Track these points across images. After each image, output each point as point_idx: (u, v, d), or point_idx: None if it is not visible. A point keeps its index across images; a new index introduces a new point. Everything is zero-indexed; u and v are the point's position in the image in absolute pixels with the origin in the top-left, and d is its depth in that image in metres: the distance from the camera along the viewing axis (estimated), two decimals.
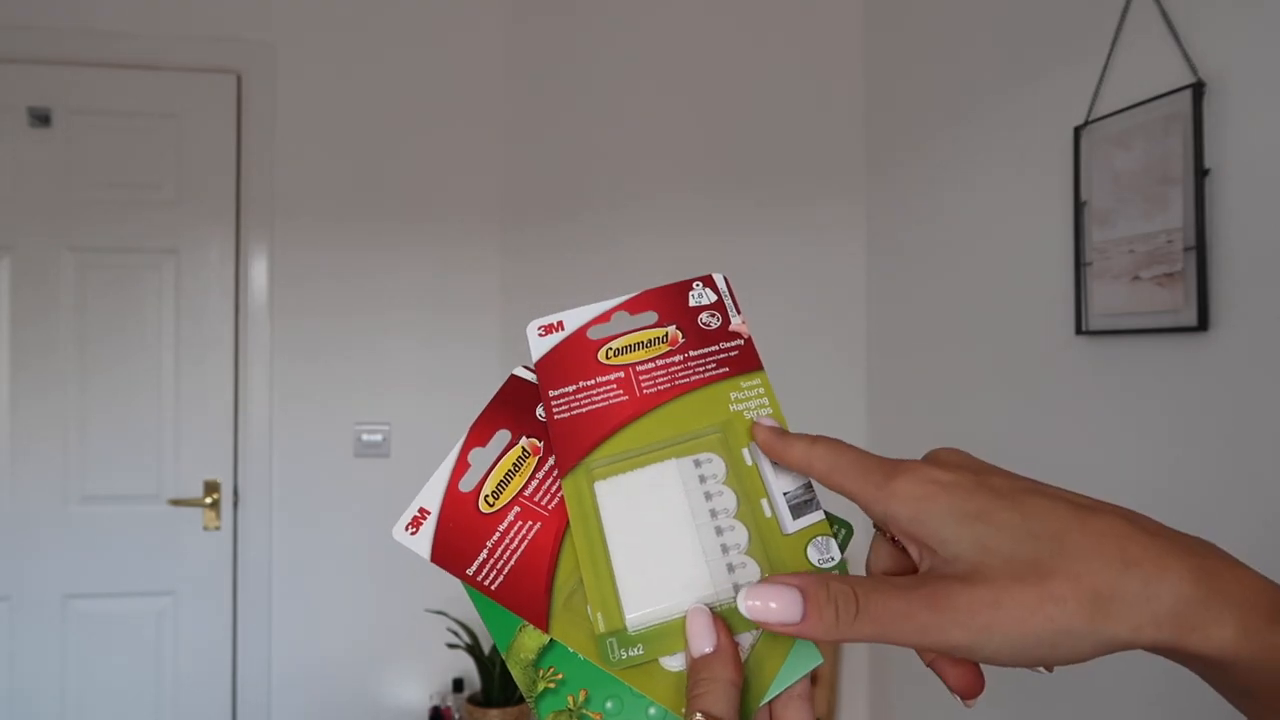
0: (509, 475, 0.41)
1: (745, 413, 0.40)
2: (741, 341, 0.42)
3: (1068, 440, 1.54)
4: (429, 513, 0.41)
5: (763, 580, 0.33)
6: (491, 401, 0.42)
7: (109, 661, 2.25)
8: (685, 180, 2.34)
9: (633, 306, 0.42)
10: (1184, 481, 1.30)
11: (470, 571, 0.39)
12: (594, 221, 2.35)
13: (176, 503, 2.28)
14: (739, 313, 0.43)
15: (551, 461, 0.41)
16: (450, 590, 2.36)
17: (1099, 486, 1.45)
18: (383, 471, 2.36)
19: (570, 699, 0.36)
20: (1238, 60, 1.22)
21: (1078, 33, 1.52)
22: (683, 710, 0.35)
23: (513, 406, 0.42)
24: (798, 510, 0.38)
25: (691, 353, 0.41)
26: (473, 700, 2.19)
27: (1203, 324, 1.24)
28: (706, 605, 0.36)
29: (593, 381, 0.41)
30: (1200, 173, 1.25)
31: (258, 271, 2.32)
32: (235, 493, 2.31)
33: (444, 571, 0.40)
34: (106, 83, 2.27)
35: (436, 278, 2.38)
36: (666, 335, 0.42)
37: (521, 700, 2.19)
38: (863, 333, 2.30)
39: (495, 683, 2.17)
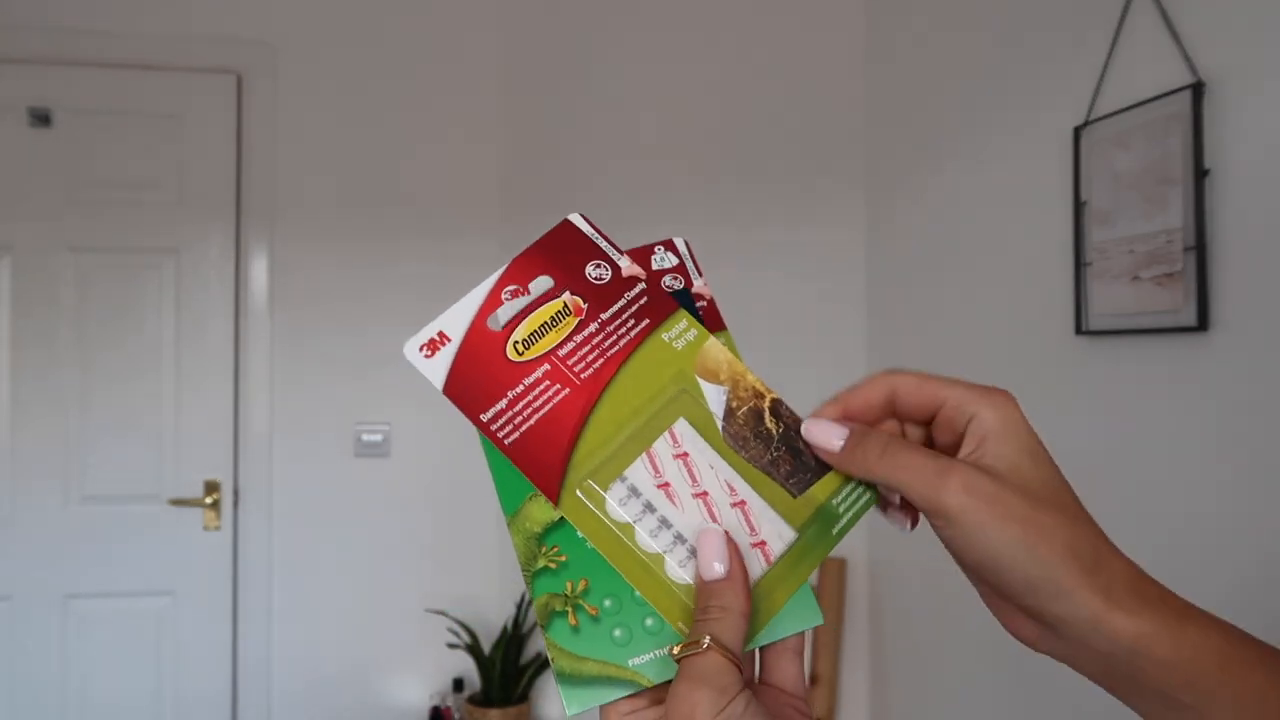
0: (544, 328, 0.38)
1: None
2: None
3: (1067, 440, 1.54)
4: (449, 339, 0.37)
5: (822, 417, 0.38)
6: (537, 243, 0.39)
7: (109, 661, 2.25)
8: (685, 180, 2.34)
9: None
10: (1184, 481, 1.30)
11: (485, 418, 0.37)
12: (594, 220, 2.34)
13: (176, 503, 2.28)
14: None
15: (594, 327, 0.38)
16: (450, 590, 2.36)
17: (1099, 487, 1.45)
18: (383, 471, 2.36)
19: (569, 585, 0.35)
20: (1238, 60, 1.22)
21: (1078, 33, 1.52)
22: (679, 626, 0.35)
23: (560, 256, 0.39)
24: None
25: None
26: (473, 700, 2.19)
27: (1202, 324, 1.24)
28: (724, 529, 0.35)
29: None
30: (1200, 173, 1.25)
31: (258, 271, 2.32)
32: (235, 493, 2.31)
33: (453, 405, 0.37)
34: (106, 83, 2.27)
35: (436, 277, 2.38)
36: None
37: (522, 700, 2.19)
38: (863, 332, 2.30)
39: (495, 683, 2.17)
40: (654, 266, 0.41)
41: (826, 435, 0.37)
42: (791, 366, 2.35)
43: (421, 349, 0.37)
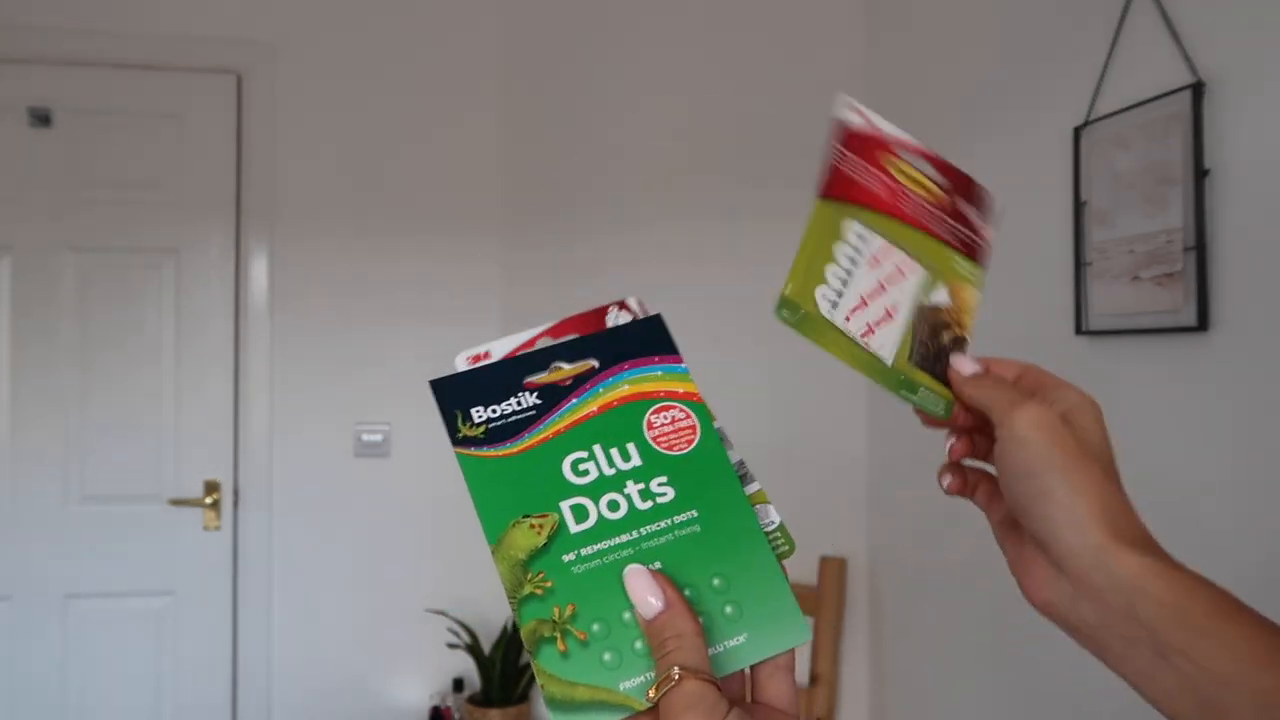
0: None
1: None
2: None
3: None
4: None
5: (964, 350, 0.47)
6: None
7: (109, 661, 2.25)
8: (685, 179, 2.34)
9: (555, 332, 0.43)
10: (1184, 481, 1.30)
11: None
12: (594, 220, 2.35)
13: (176, 503, 2.28)
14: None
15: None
16: (450, 590, 2.37)
17: None
18: (383, 471, 2.36)
19: (556, 610, 0.35)
20: (1238, 60, 1.22)
21: (1078, 33, 1.52)
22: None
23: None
24: (744, 480, 0.41)
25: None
26: (473, 700, 2.19)
27: (1202, 324, 1.24)
28: (642, 566, 0.36)
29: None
30: (1200, 173, 1.24)
31: (258, 271, 2.32)
32: (235, 493, 2.31)
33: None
34: (106, 83, 2.27)
35: (437, 276, 2.38)
36: (595, 371, 0.42)
37: (522, 700, 2.19)
38: None
39: (495, 683, 2.17)
40: (609, 324, 0.45)
41: (967, 361, 0.46)
42: (790, 367, 2.35)
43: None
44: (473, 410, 0.40)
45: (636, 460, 0.39)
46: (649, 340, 0.42)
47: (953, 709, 1.91)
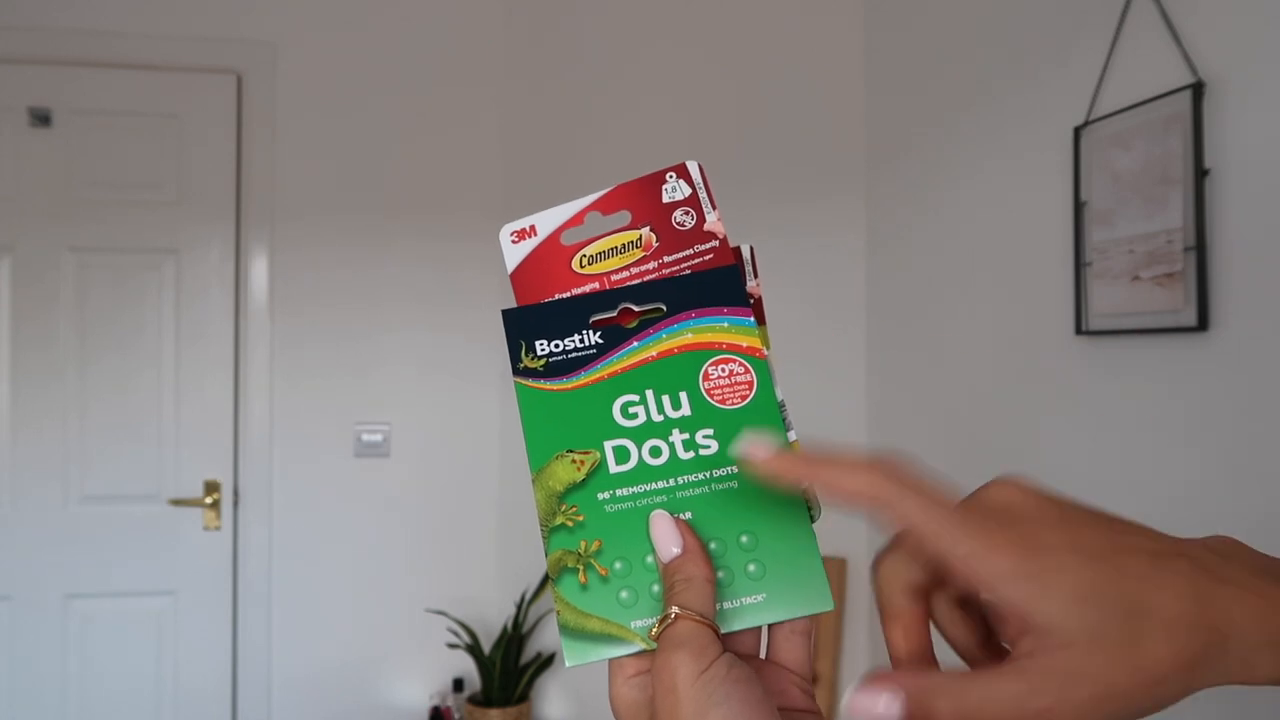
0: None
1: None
2: (716, 242, 0.42)
3: (1067, 441, 1.54)
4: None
5: (867, 681, 0.31)
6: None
7: (109, 661, 2.25)
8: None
9: (605, 205, 0.42)
10: (1184, 482, 1.30)
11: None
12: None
13: (176, 503, 2.28)
14: (714, 208, 0.42)
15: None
16: (450, 590, 2.37)
17: (1099, 487, 1.45)
18: (383, 471, 2.36)
19: (583, 544, 0.36)
20: (1238, 60, 1.22)
21: (1078, 33, 1.52)
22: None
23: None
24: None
25: (666, 258, 0.41)
26: (473, 700, 2.19)
27: (1203, 324, 1.24)
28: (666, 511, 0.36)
29: (568, 294, 0.41)
30: (1200, 173, 1.24)
31: (258, 271, 2.32)
32: (235, 493, 2.31)
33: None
34: (106, 83, 2.27)
35: (437, 277, 2.38)
36: (640, 239, 0.42)
37: (522, 700, 2.19)
38: (862, 332, 2.30)
39: (495, 683, 2.17)
40: (664, 199, 0.42)
41: (883, 710, 0.31)
42: (789, 367, 2.35)
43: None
44: (537, 342, 0.39)
45: (686, 410, 0.38)
46: (720, 290, 0.41)
47: None
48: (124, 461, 2.27)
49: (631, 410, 0.38)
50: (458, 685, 2.30)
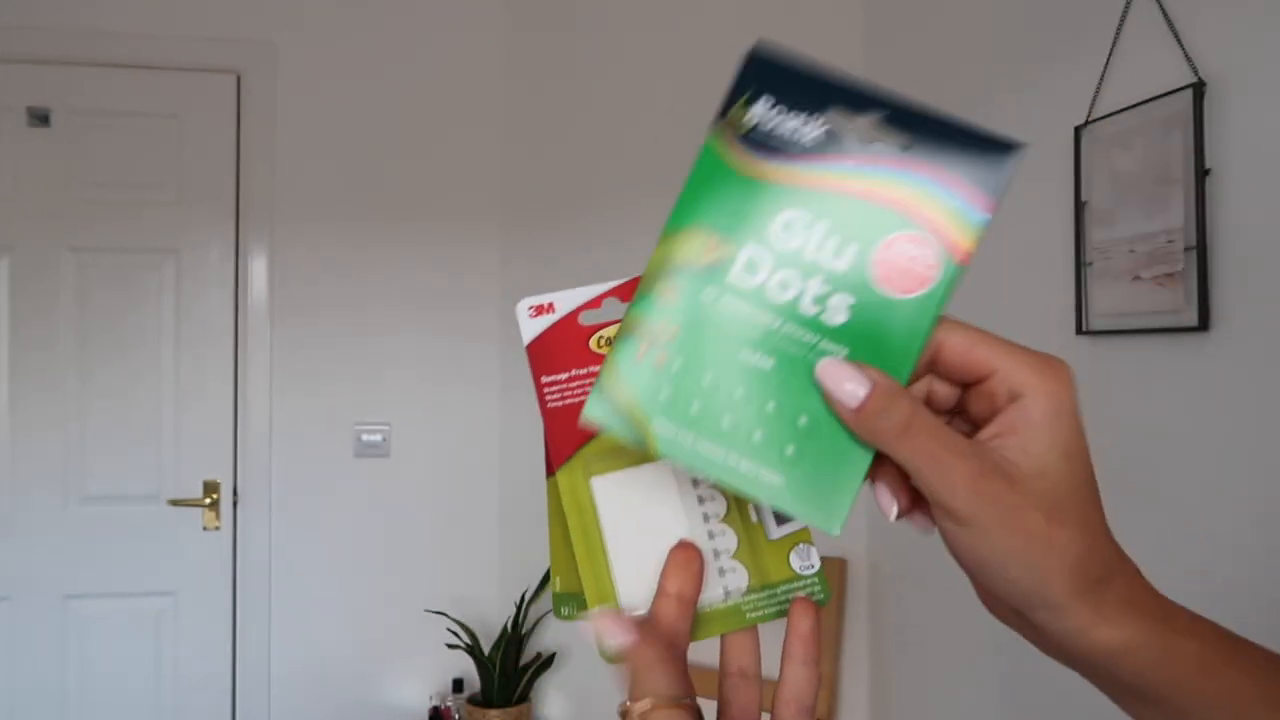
0: None
1: None
2: None
3: None
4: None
5: (848, 360, 0.32)
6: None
7: (109, 661, 2.25)
8: (685, 179, 2.33)
9: (624, 293, 0.40)
10: (1184, 482, 1.30)
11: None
12: (595, 220, 2.35)
13: (176, 503, 2.28)
14: None
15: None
16: (450, 590, 2.36)
17: (1098, 487, 1.45)
18: (383, 471, 2.36)
19: (661, 324, 0.34)
20: (1238, 60, 1.22)
21: (1078, 33, 1.52)
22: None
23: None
24: (780, 517, 0.38)
25: None
26: (473, 700, 2.19)
27: (1203, 324, 1.24)
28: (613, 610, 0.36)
29: (585, 370, 0.40)
30: (1201, 173, 1.24)
31: (258, 271, 2.32)
32: (235, 493, 2.31)
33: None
34: (106, 83, 2.27)
35: (436, 277, 2.38)
36: None
37: (522, 700, 2.19)
38: None
39: (495, 683, 2.17)
40: None
41: (843, 381, 0.31)
42: None
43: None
44: (761, 99, 0.34)
45: (842, 265, 0.33)
46: (979, 169, 0.35)
47: (953, 709, 1.91)
48: (124, 461, 2.26)
49: (792, 230, 0.34)
50: (457, 685, 2.30)
